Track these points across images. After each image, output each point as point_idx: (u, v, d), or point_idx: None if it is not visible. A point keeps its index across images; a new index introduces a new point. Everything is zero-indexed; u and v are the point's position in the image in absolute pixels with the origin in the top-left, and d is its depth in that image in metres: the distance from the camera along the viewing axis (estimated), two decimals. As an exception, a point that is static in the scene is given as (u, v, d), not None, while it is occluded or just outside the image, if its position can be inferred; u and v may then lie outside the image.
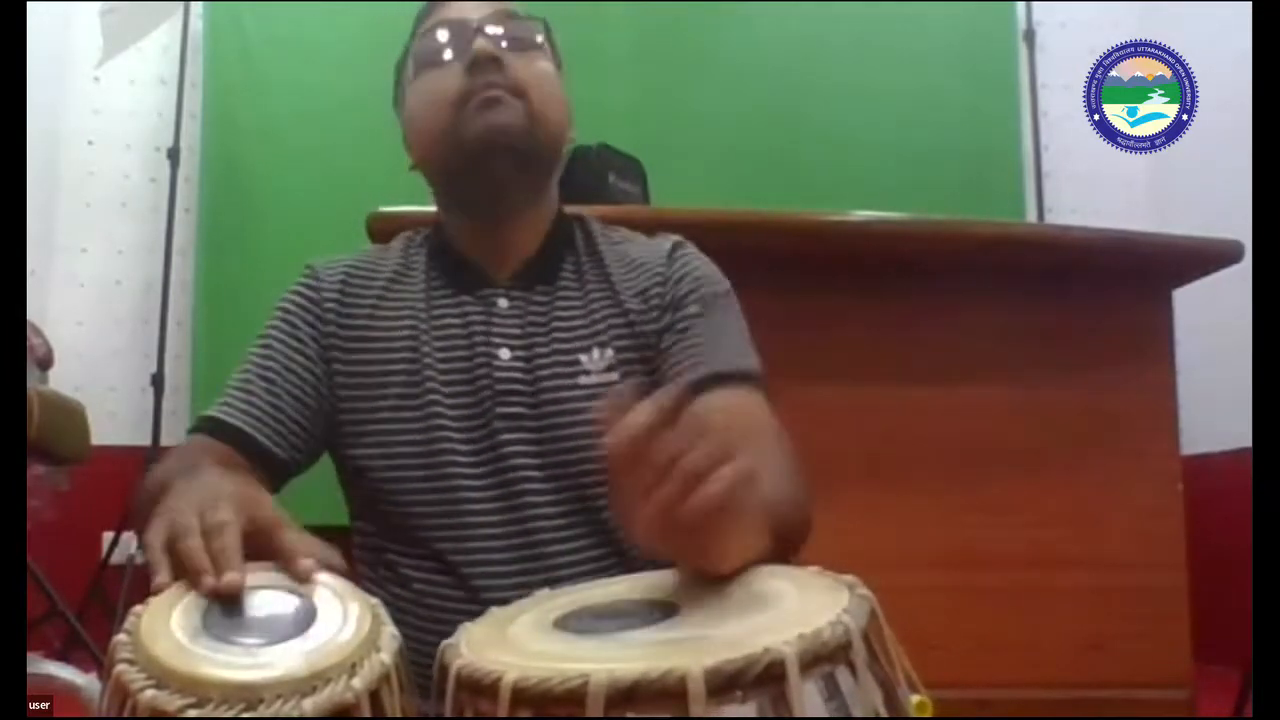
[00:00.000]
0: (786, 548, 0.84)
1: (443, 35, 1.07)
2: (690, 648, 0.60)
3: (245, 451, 1.01)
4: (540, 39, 1.10)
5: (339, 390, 1.06)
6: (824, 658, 0.58)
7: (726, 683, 0.56)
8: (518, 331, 1.05)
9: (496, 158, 1.04)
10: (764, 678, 0.56)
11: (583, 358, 1.04)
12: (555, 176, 1.14)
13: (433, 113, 1.06)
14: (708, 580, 0.71)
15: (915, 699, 0.64)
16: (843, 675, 0.59)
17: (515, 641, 0.66)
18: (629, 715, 0.55)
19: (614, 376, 1.04)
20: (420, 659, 0.69)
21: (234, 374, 1.06)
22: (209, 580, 0.66)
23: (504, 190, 1.07)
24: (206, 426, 1.03)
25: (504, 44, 1.06)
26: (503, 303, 1.06)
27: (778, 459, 0.94)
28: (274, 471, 1.02)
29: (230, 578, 0.66)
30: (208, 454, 0.98)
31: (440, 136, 1.06)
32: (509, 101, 1.03)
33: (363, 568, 1.07)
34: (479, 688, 0.60)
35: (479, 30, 1.06)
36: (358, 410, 1.05)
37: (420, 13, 1.14)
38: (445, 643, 0.67)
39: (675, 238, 1.14)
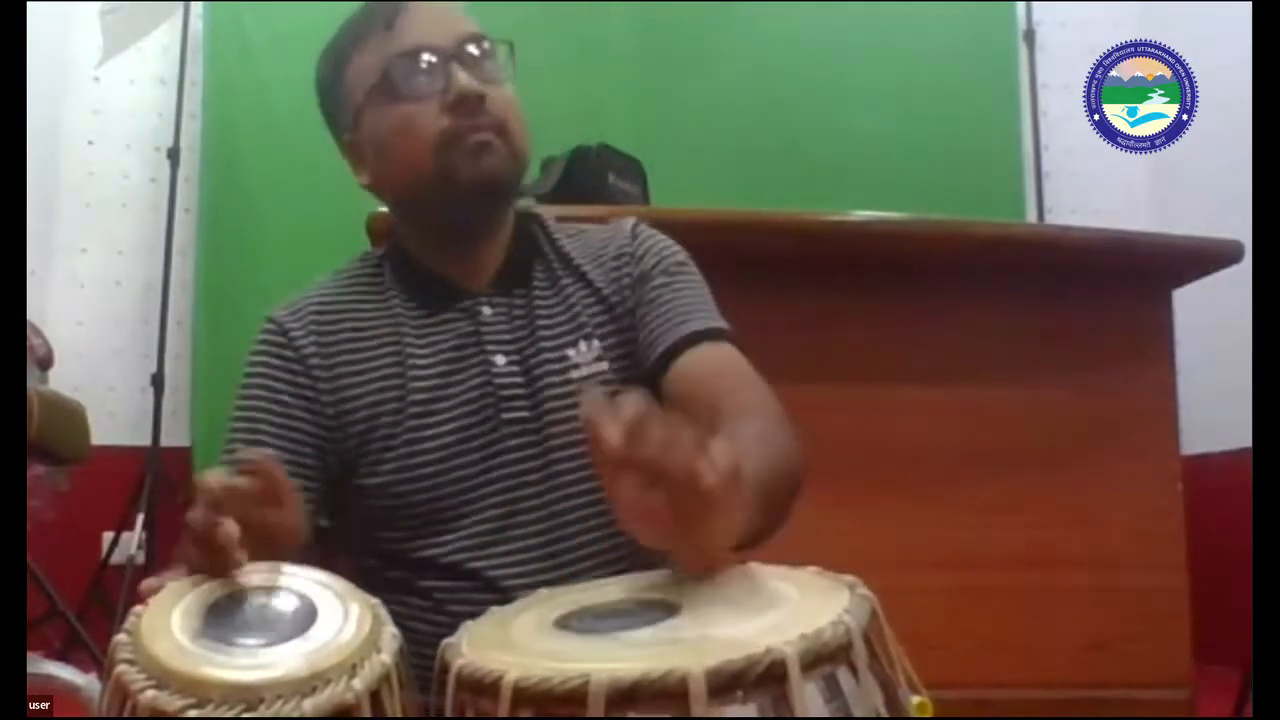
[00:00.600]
0: (775, 513, 0.84)
1: (414, 63, 1.03)
2: (692, 648, 0.60)
3: None
4: (506, 64, 1.08)
5: (329, 428, 1.03)
6: (825, 658, 0.58)
7: (728, 683, 0.56)
8: (507, 336, 1.06)
9: (487, 202, 1.05)
10: (765, 678, 0.56)
11: (570, 352, 1.05)
12: None
13: (412, 153, 1.03)
14: (706, 573, 0.71)
15: (916, 700, 0.64)
16: (844, 676, 0.59)
17: (516, 641, 0.66)
18: (630, 715, 0.55)
19: (603, 366, 1.05)
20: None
21: (223, 452, 1.03)
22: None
23: (486, 223, 1.08)
24: None
25: (479, 74, 1.04)
26: (486, 310, 1.07)
27: (759, 419, 0.94)
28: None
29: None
30: None
31: (423, 179, 1.03)
32: (495, 145, 1.03)
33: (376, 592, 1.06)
34: (480, 687, 0.60)
35: (454, 59, 1.03)
36: (350, 440, 1.03)
37: (368, 18, 1.08)
38: (446, 641, 0.67)
39: (633, 219, 1.15)
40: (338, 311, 1.08)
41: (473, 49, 1.05)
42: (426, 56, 1.04)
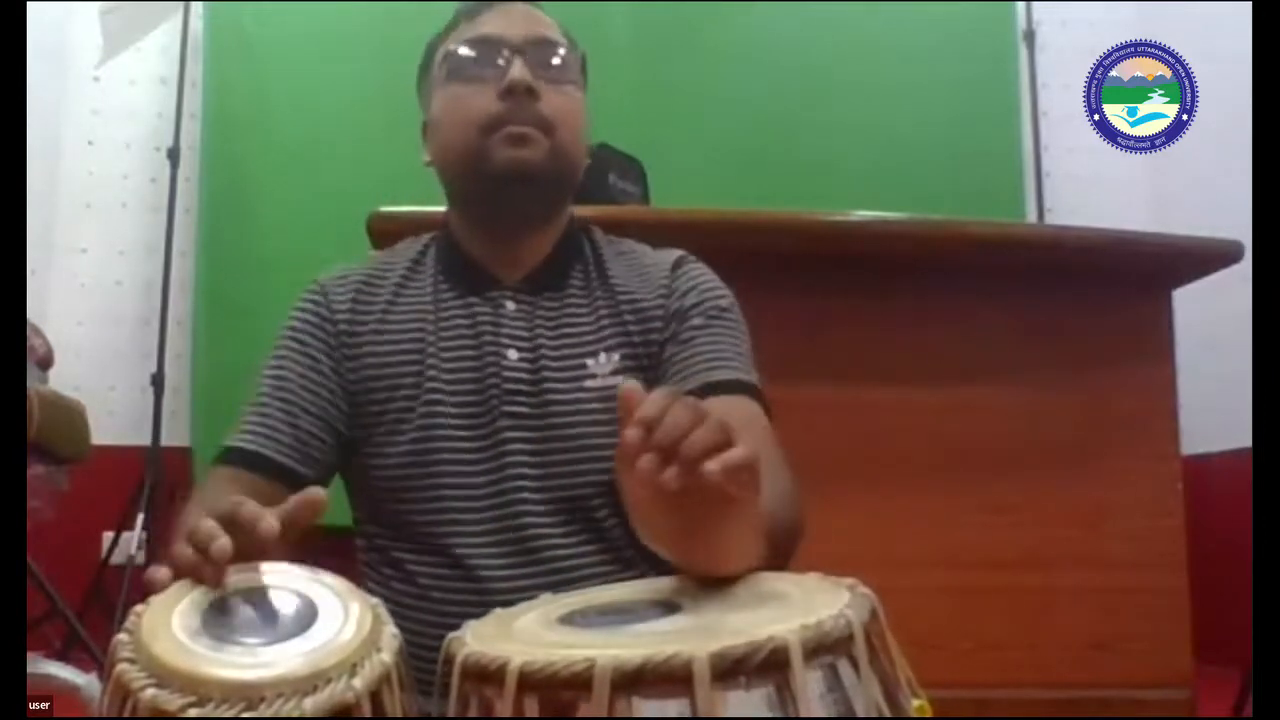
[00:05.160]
0: (778, 556, 0.85)
1: (481, 50, 1.08)
2: (695, 636, 0.60)
3: (269, 475, 1.01)
4: (575, 68, 1.11)
5: (351, 394, 1.07)
6: (826, 647, 0.59)
7: (731, 667, 0.56)
8: (525, 333, 1.06)
9: (517, 191, 1.06)
10: (768, 664, 0.56)
11: (589, 362, 1.06)
12: (571, 195, 1.15)
13: (459, 131, 1.07)
14: (709, 581, 0.71)
15: (915, 703, 0.65)
16: (844, 668, 0.59)
17: (521, 634, 0.67)
18: (635, 700, 0.55)
19: (619, 380, 1.04)
20: (429, 655, 0.69)
21: (250, 399, 1.07)
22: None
23: (520, 215, 1.09)
24: (229, 457, 1.04)
25: (539, 71, 1.06)
26: (510, 305, 1.08)
27: (773, 468, 0.94)
28: (299, 489, 1.02)
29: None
30: (230, 488, 0.98)
31: (464, 158, 1.07)
32: (536, 139, 1.04)
33: (369, 570, 1.08)
34: (485, 675, 0.60)
35: (518, 52, 1.06)
36: (368, 411, 1.06)
37: (461, 10, 1.13)
38: (451, 636, 0.67)
39: (680, 251, 1.15)
40: (377, 286, 1.11)
41: (540, 48, 1.08)
42: (492, 45, 1.07)
